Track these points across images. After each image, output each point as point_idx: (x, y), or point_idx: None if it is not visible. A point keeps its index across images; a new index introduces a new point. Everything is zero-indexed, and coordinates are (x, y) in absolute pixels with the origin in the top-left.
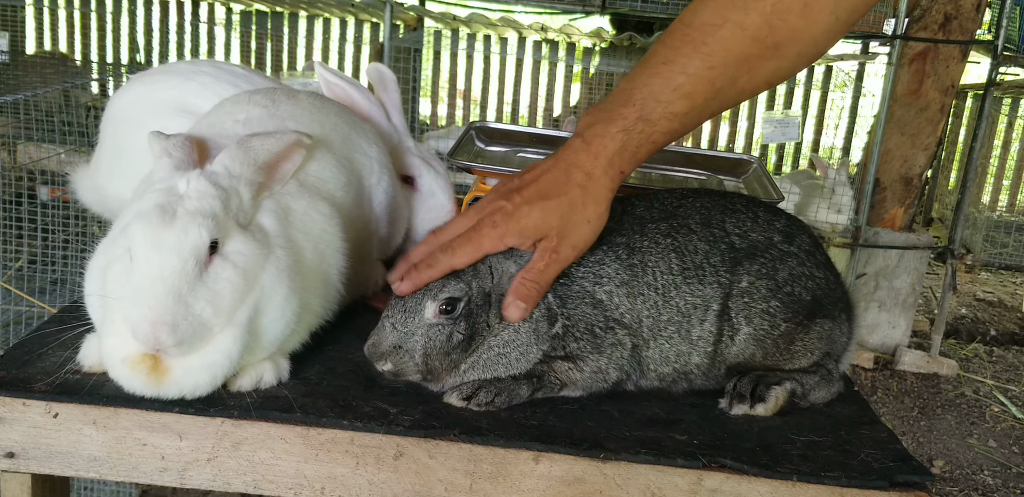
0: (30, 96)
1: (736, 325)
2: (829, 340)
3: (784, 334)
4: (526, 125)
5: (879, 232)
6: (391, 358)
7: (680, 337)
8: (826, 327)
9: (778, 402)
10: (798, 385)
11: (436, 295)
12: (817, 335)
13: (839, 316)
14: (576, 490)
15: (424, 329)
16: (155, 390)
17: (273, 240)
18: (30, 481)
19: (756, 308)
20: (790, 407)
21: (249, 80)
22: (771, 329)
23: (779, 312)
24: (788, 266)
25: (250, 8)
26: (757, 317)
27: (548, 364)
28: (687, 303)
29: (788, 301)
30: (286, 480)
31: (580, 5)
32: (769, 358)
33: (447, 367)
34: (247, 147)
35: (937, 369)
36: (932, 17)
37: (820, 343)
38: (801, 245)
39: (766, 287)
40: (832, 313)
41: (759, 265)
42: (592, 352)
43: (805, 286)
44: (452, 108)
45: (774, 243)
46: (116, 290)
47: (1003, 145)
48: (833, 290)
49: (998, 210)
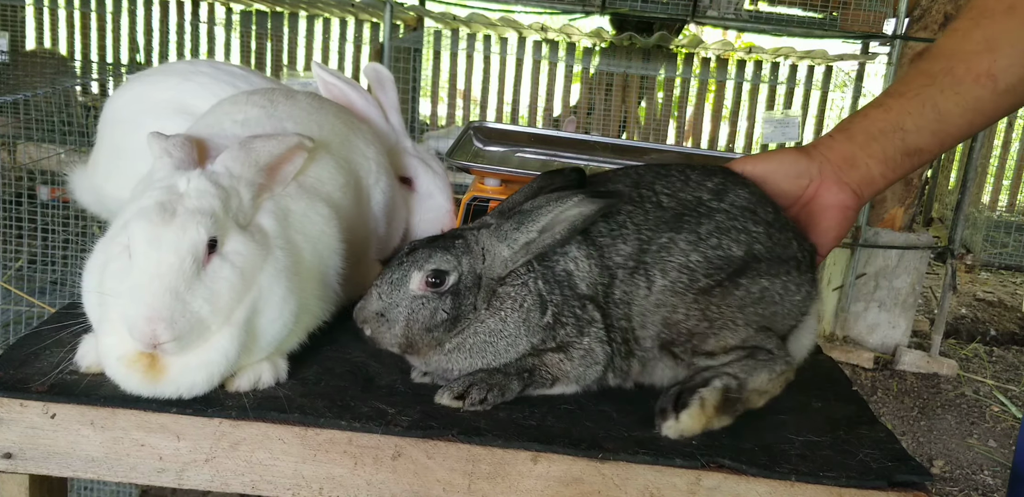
0: (30, 96)
1: (652, 277)
2: (764, 303)
3: (704, 290)
4: (526, 125)
5: (879, 232)
6: (371, 324)
7: (625, 298)
8: (758, 287)
9: (706, 404)
10: (730, 379)
11: (422, 265)
12: (747, 296)
13: (787, 276)
14: (574, 490)
15: (408, 300)
16: (152, 389)
17: (272, 241)
18: (28, 482)
19: (673, 262)
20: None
21: (248, 80)
22: (690, 283)
23: (699, 267)
24: (715, 221)
25: (250, 8)
26: (674, 271)
27: (539, 358)
28: (615, 263)
29: (712, 256)
30: (284, 480)
31: (580, 5)
32: (693, 324)
33: (428, 344)
34: (249, 148)
35: (937, 369)
36: (932, 17)
37: (754, 307)
38: (734, 201)
39: (685, 241)
40: (773, 271)
41: (684, 222)
42: (577, 335)
43: (735, 239)
44: (452, 108)
45: (703, 201)
46: (114, 287)
47: (1003, 145)
48: (781, 248)
49: (998, 210)
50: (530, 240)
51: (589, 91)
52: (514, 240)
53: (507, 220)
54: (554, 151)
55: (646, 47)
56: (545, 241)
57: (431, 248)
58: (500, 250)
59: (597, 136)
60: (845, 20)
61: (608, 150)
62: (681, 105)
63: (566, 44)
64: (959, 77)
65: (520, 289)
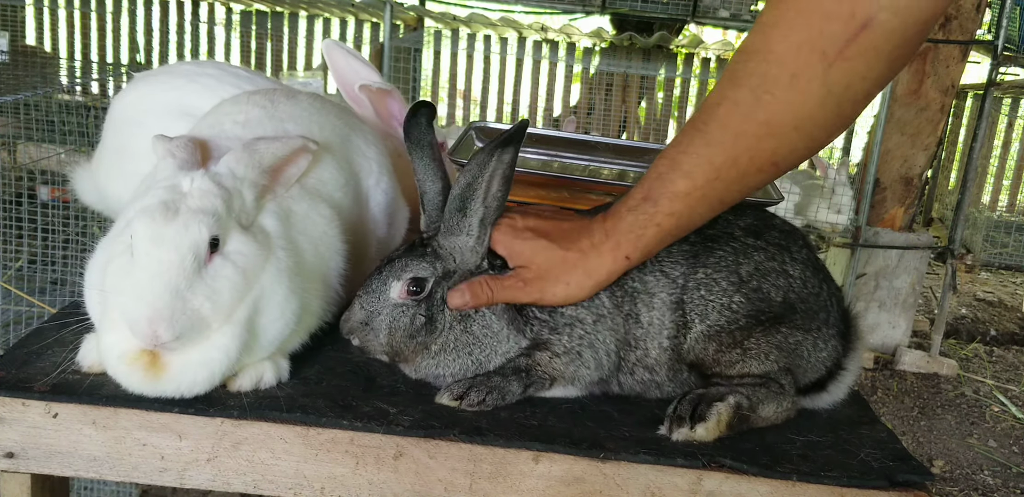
0: (30, 96)
1: (690, 320)
2: (791, 354)
3: (743, 328)
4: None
5: (879, 232)
6: (358, 334)
7: (630, 321)
8: (795, 339)
9: (721, 420)
10: (743, 398)
11: (400, 275)
12: (777, 343)
13: (818, 332)
14: (576, 490)
15: (389, 309)
16: (153, 387)
17: (274, 241)
18: (29, 481)
19: (715, 303)
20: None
21: (253, 82)
22: (728, 325)
23: (742, 308)
24: (754, 260)
25: (250, 8)
26: (715, 313)
27: (530, 357)
28: (631, 287)
29: (754, 298)
30: (286, 480)
31: (580, 5)
32: (723, 352)
33: (414, 350)
34: (252, 150)
35: (937, 369)
36: None
37: (778, 353)
38: (770, 239)
39: (727, 280)
40: (806, 326)
41: (717, 257)
42: (551, 333)
43: (775, 284)
44: (452, 108)
45: (735, 236)
46: (115, 285)
47: (1003, 145)
48: (814, 297)
49: (998, 210)
50: (481, 216)
51: (589, 91)
52: (468, 226)
53: (450, 216)
54: (554, 151)
55: (646, 47)
56: (493, 206)
57: (407, 257)
58: (462, 242)
59: (597, 136)
60: None
61: (608, 150)
62: (681, 105)
63: (566, 44)
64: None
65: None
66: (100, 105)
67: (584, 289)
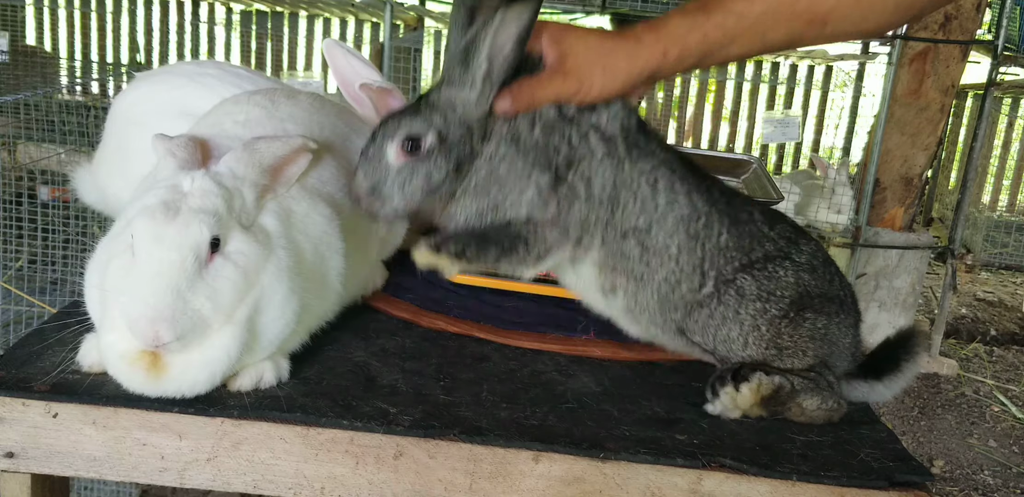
0: (30, 96)
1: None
2: (826, 341)
3: (774, 319)
4: None
5: (879, 232)
6: (364, 200)
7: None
8: (822, 323)
9: (762, 385)
10: (786, 381)
11: (393, 135)
12: (814, 330)
13: (838, 317)
14: (576, 490)
15: (393, 174)
16: (153, 387)
17: (275, 241)
18: (30, 481)
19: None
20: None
21: (254, 82)
22: (763, 311)
23: (767, 292)
24: (764, 249)
25: (250, 8)
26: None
27: (533, 226)
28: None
29: (771, 286)
30: (286, 480)
31: (580, 5)
32: (761, 350)
33: (441, 203)
34: (252, 149)
35: (937, 369)
36: (932, 17)
37: (813, 345)
38: (781, 232)
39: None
40: (826, 310)
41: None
42: (566, 161)
43: (785, 268)
44: None
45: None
46: (116, 284)
47: (1003, 145)
48: (827, 285)
49: (998, 210)
50: (485, 72)
51: None
52: (471, 79)
53: (450, 66)
54: None
55: None
56: (501, 65)
57: (399, 116)
58: (465, 94)
59: None
60: None
61: None
62: (681, 105)
63: None
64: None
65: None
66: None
67: (619, 77)
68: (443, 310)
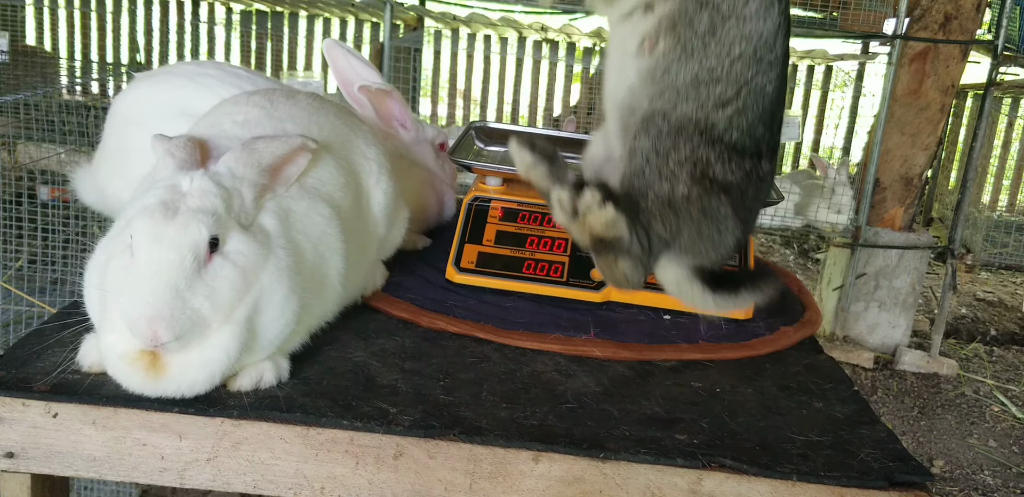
0: (30, 96)
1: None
2: (707, 223)
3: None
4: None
5: (879, 232)
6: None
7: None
8: (723, 210)
9: (606, 214)
10: (628, 232)
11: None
12: (705, 208)
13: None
14: (576, 490)
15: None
16: (153, 387)
17: (274, 241)
18: (30, 481)
19: None
20: (789, 403)
21: (254, 82)
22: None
23: None
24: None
25: (250, 8)
26: None
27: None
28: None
29: None
30: (286, 480)
31: (580, 5)
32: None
33: None
34: (251, 149)
35: (937, 369)
36: (932, 17)
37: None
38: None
39: None
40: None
41: None
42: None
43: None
44: (452, 108)
45: None
46: (115, 285)
47: (1003, 145)
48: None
49: (998, 210)
50: None
51: (589, 91)
52: None
53: None
54: None
55: None
56: None
57: None
58: None
59: None
60: (845, 20)
61: None
62: None
63: (566, 44)
64: None
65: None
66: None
67: None
68: (443, 310)
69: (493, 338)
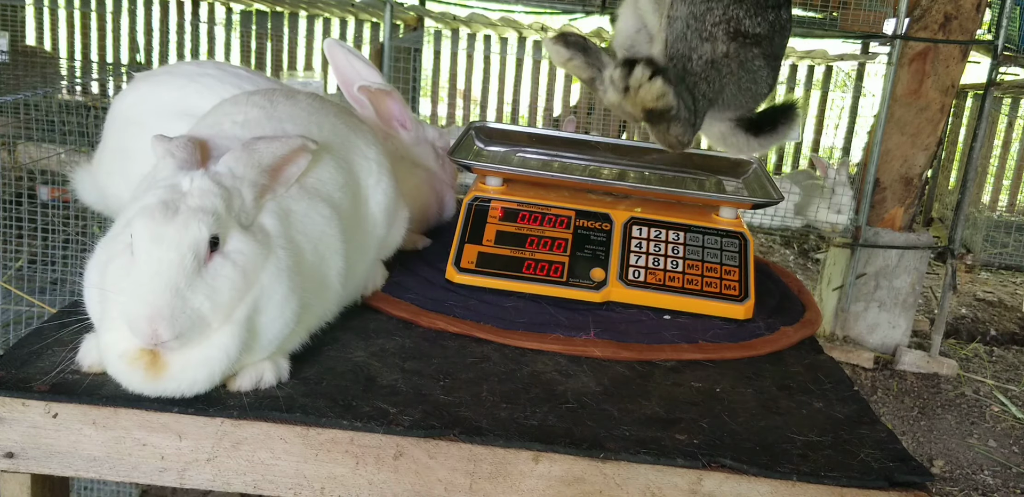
0: (30, 96)
1: None
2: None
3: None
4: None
5: (879, 232)
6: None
7: None
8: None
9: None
10: (675, 100)
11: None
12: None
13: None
14: (576, 490)
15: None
16: (153, 386)
17: (274, 241)
18: (29, 481)
19: None
20: (789, 402)
21: (254, 82)
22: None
23: None
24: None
25: (250, 8)
26: None
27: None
28: None
29: None
30: (286, 480)
31: (580, 5)
32: None
33: None
34: (252, 149)
35: (937, 369)
36: (932, 17)
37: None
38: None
39: None
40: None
41: None
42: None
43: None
44: (452, 108)
45: None
46: (115, 284)
47: (1003, 145)
48: None
49: (998, 210)
50: None
51: (589, 91)
52: None
53: None
54: (554, 151)
55: None
56: None
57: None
58: None
59: (597, 136)
60: (845, 20)
61: (608, 150)
62: None
63: None
64: None
65: None
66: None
67: None
68: (443, 310)
69: (493, 338)
